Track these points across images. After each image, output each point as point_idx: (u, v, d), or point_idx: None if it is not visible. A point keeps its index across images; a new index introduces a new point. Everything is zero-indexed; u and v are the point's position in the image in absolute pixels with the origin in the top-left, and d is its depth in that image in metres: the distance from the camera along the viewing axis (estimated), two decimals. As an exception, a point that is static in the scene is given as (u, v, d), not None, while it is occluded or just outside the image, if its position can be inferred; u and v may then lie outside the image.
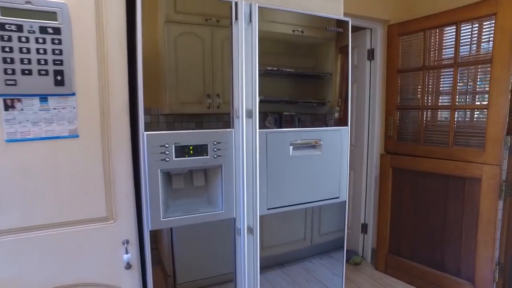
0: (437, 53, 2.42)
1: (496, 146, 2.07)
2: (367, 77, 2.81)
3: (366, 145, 2.87)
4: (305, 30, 1.54)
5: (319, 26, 1.57)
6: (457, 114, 2.29)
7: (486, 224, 2.14)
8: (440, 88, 2.41)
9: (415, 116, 2.53)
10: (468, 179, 2.21)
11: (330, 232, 1.77)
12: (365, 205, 2.94)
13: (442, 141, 2.34)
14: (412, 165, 2.50)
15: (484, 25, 2.15)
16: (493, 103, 2.07)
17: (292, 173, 1.54)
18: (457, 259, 2.32)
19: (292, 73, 1.53)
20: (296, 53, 1.55)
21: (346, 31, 1.62)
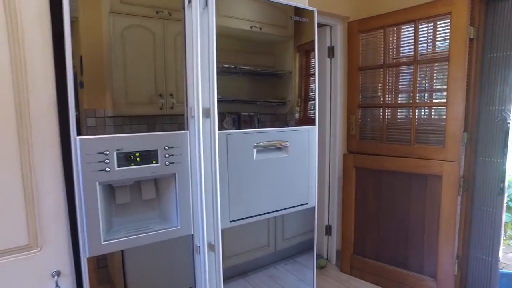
0: (395, 51, 2.41)
1: (455, 143, 2.08)
2: (328, 75, 2.75)
3: (328, 144, 2.81)
4: (263, 26, 1.43)
5: (278, 23, 1.48)
6: (418, 112, 2.28)
7: (447, 220, 2.15)
8: (401, 86, 2.40)
9: (376, 115, 2.50)
10: (430, 176, 2.21)
11: (294, 236, 1.66)
12: (328, 206, 2.88)
13: (404, 139, 2.33)
14: (375, 164, 2.46)
15: (441, 23, 2.16)
16: (451, 101, 2.08)
17: (257, 179, 1.38)
18: (420, 256, 2.32)
19: (251, 71, 1.43)
20: (255, 51, 1.45)
21: (312, 21, 1.51)
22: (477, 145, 2.18)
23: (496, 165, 2.13)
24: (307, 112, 1.62)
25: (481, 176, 2.19)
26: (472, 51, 2.08)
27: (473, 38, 2.06)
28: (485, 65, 2.13)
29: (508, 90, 2.07)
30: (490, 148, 2.15)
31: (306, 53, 1.66)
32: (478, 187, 2.20)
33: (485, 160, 2.16)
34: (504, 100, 2.09)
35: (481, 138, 2.17)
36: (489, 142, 2.15)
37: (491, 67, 2.12)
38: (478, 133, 2.18)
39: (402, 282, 2.39)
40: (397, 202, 2.40)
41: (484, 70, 2.14)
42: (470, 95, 2.10)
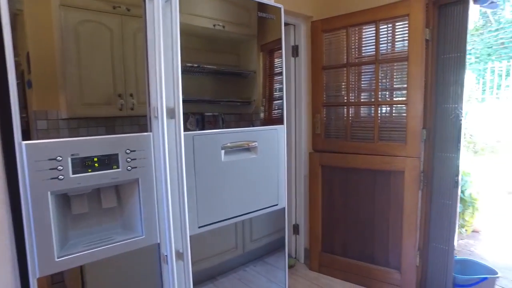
0: (358, 50, 2.46)
1: (416, 139, 2.16)
2: (292, 74, 2.75)
3: (294, 143, 2.81)
4: (227, 25, 1.39)
5: (241, 21, 1.46)
6: (380, 110, 2.35)
7: (409, 214, 2.23)
8: (364, 84, 2.46)
9: (341, 113, 2.55)
10: (393, 172, 2.28)
11: (262, 237, 1.63)
12: (295, 205, 2.89)
13: (368, 136, 2.38)
14: (341, 162, 2.50)
15: (399, 25, 2.23)
16: (411, 99, 2.16)
17: (226, 181, 1.33)
18: (385, 250, 2.39)
19: (214, 70, 1.39)
20: (218, 50, 1.41)
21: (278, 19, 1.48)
22: (435, 141, 2.29)
23: (451, 160, 2.24)
24: (272, 112, 1.60)
25: (438, 171, 2.30)
26: (428, 52, 2.17)
27: (428, 40, 2.15)
28: (440, 65, 2.24)
29: (460, 89, 2.19)
30: (446, 144, 2.26)
31: (270, 52, 1.64)
32: (436, 181, 2.31)
33: (441, 155, 2.27)
34: (457, 98, 2.21)
35: (438, 134, 2.28)
36: (445, 138, 2.25)
37: (445, 67, 2.23)
38: (435, 129, 2.28)
39: (370, 276, 2.45)
40: (363, 199, 2.45)
41: (439, 70, 2.24)
42: (428, 93, 2.20)
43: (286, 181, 1.57)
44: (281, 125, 1.53)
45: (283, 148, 1.55)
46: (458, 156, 2.24)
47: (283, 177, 1.56)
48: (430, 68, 2.20)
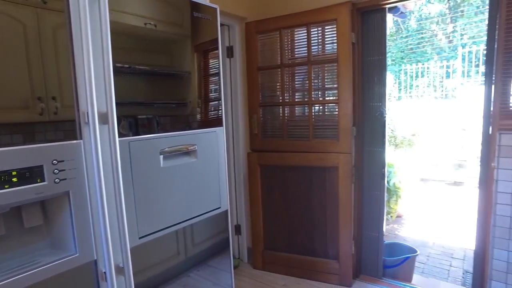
0: (291, 52, 2.55)
1: (347, 136, 2.31)
2: (228, 75, 2.75)
3: (232, 144, 2.81)
4: (158, 24, 1.34)
5: (174, 20, 1.42)
6: (314, 109, 2.46)
7: (344, 207, 2.38)
8: (297, 85, 2.55)
9: (277, 113, 2.61)
10: (328, 168, 2.41)
11: (204, 240, 1.60)
12: (236, 205, 2.89)
13: (304, 135, 2.48)
14: (279, 160, 2.57)
15: (328, 28, 2.36)
16: (341, 98, 2.30)
17: (166, 188, 1.27)
18: (324, 242, 2.52)
19: (147, 71, 1.33)
20: (150, 50, 1.35)
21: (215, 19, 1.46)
22: (364, 137, 2.47)
23: (378, 154, 2.45)
24: (209, 113, 1.58)
25: (367, 165, 2.49)
26: (355, 54, 2.33)
27: (354, 43, 2.32)
28: (365, 67, 2.43)
29: (383, 88, 2.40)
30: (373, 139, 2.46)
31: (205, 52, 1.62)
32: (366, 174, 2.50)
33: (370, 150, 2.47)
34: (380, 97, 2.42)
35: (366, 130, 2.47)
36: (372, 134, 2.45)
37: (369, 69, 2.42)
38: (363, 126, 2.47)
39: (311, 268, 2.55)
40: (301, 195, 2.55)
41: (365, 71, 2.43)
42: (356, 93, 2.37)
43: (227, 183, 1.56)
44: (220, 127, 1.52)
45: (223, 150, 1.53)
46: (383, 150, 2.45)
47: (225, 179, 1.54)
48: (357, 69, 2.38)
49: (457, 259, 3.34)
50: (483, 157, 2.01)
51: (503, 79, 1.87)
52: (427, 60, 8.84)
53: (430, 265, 3.20)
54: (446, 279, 2.94)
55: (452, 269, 3.13)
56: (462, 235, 3.79)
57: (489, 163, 1.96)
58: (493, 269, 1.97)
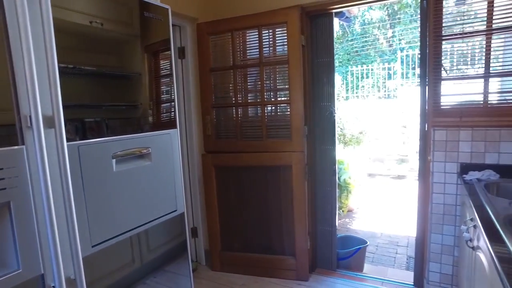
0: (243, 53, 2.58)
1: (299, 135, 2.39)
2: (180, 76, 2.71)
3: (186, 146, 2.78)
4: (105, 22, 1.29)
5: (122, 19, 1.37)
6: (267, 109, 2.51)
7: (299, 204, 2.46)
8: (250, 86, 2.59)
9: (230, 114, 2.63)
10: (282, 167, 2.47)
11: (160, 245, 1.57)
12: (192, 208, 2.86)
13: (257, 135, 2.52)
14: (234, 161, 2.59)
15: (279, 31, 2.43)
16: (293, 99, 2.38)
17: (120, 193, 1.23)
18: (281, 240, 2.58)
19: (94, 72, 1.27)
20: (98, 50, 1.30)
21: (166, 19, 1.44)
22: (315, 136, 2.58)
23: (329, 152, 2.57)
24: (161, 115, 1.55)
25: (319, 162, 2.60)
26: (305, 56, 2.43)
27: (304, 45, 2.41)
28: (315, 68, 2.54)
29: (331, 89, 2.53)
30: (324, 138, 2.57)
31: (156, 53, 1.59)
32: (318, 171, 2.61)
33: (321, 148, 2.58)
34: (330, 97, 2.55)
35: (318, 129, 2.58)
36: (323, 132, 2.57)
37: (319, 70, 2.54)
38: (314, 125, 2.57)
39: (269, 266, 2.60)
40: (257, 194, 2.59)
41: (314, 72, 2.54)
42: (307, 93, 2.46)
43: (183, 185, 1.54)
44: (174, 128, 1.49)
45: (178, 152, 1.51)
46: (334, 148, 2.58)
47: (180, 182, 1.52)
48: (307, 71, 2.47)
49: (402, 246, 3.61)
50: (421, 152, 2.21)
51: (434, 80, 2.07)
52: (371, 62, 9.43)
53: (379, 254, 3.42)
54: (393, 265, 3.16)
55: (398, 256, 3.38)
56: (406, 224, 4.10)
57: (426, 156, 2.15)
58: (431, 251, 2.16)
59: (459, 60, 2.13)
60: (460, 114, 2.01)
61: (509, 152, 1.90)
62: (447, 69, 2.08)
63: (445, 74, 2.08)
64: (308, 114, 2.48)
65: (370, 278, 2.58)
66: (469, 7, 2.03)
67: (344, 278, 2.57)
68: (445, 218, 2.08)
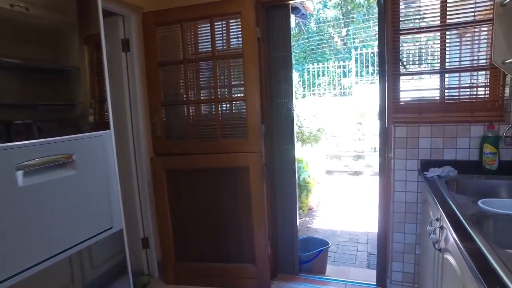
0: (194, 46, 2.37)
1: (256, 134, 2.23)
2: (124, 71, 2.43)
3: (133, 149, 2.50)
4: (31, 7, 1.05)
5: (52, 4, 1.15)
6: (221, 107, 2.32)
7: (257, 208, 2.30)
8: (203, 82, 2.38)
9: (181, 112, 2.40)
10: (239, 169, 2.29)
11: (105, 261, 1.34)
12: (141, 216, 2.59)
13: (212, 135, 2.32)
14: (186, 164, 2.36)
15: (233, 22, 2.25)
16: (249, 95, 2.21)
17: (30, 214, 0.97)
18: (240, 247, 2.40)
19: (20, 65, 1.04)
20: (24, 39, 1.08)
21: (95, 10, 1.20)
22: (273, 134, 2.43)
23: (288, 151, 2.43)
24: (104, 115, 1.31)
25: (278, 162, 2.46)
26: (261, 50, 2.26)
27: (260, 38, 2.25)
28: (272, 63, 2.39)
29: (289, 85, 2.40)
30: (282, 137, 2.43)
31: (97, 45, 1.35)
32: (277, 172, 2.47)
33: (280, 147, 2.44)
34: (287, 94, 2.41)
35: (276, 128, 2.43)
36: (281, 131, 2.43)
37: (276, 65, 2.39)
38: (272, 124, 2.42)
39: (228, 276, 2.42)
40: (213, 199, 2.39)
41: (271, 68, 2.39)
42: (263, 89, 2.30)
43: (120, 197, 1.31)
44: (107, 130, 1.26)
45: (112, 158, 1.27)
46: (293, 147, 2.45)
47: (116, 193, 1.29)
48: (264, 66, 2.31)
49: (362, 243, 3.61)
50: (381, 149, 2.14)
51: (393, 76, 2.01)
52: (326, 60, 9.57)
53: (340, 253, 3.38)
54: (354, 264, 3.13)
55: (359, 253, 3.37)
56: (364, 221, 4.13)
57: (387, 154, 2.09)
58: (394, 251, 2.11)
59: (417, 55, 2.09)
60: (419, 110, 1.96)
61: (464, 148, 1.88)
62: (405, 64, 2.03)
63: (403, 69, 2.02)
64: (265, 112, 2.33)
65: (333, 280, 2.49)
66: (425, 2, 1.99)
67: (307, 282, 2.46)
68: (407, 216, 2.03)
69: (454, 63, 1.93)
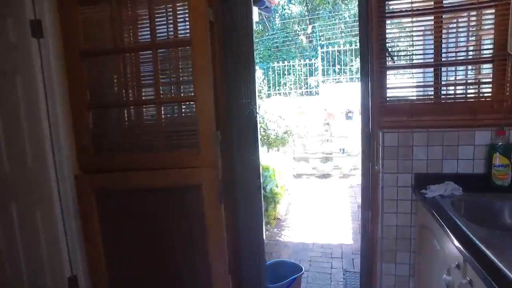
0: (133, 32, 1.85)
1: (210, 144, 1.75)
2: (37, 62, 1.84)
3: (53, 164, 1.92)
4: None
5: None
6: (165, 110, 1.82)
7: (214, 234, 1.83)
8: (144, 78, 1.87)
9: (117, 117, 1.87)
10: (190, 187, 1.80)
11: None
12: (68, 250, 2.01)
13: (154, 145, 1.81)
14: (123, 183, 1.84)
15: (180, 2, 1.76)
16: (200, 94, 1.72)
17: None
18: (195, 283, 1.92)
19: None
20: None
21: None
22: (233, 143, 1.96)
23: (251, 162, 1.98)
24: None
25: (240, 177, 1.99)
26: (214, 38, 1.80)
27: (213, 22, 1.77)
28: (230, 56, 1.91)
29: (252, 82, 1.95)
30: (244, 145, 1.98)
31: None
32: (239, 189, 2.00)
33: (241, 158, 1.97)
34: (250, 92, 1.96)
35: (235, 134, 1.96)
36: (242, 138, 1.97)
37: (235, 58, 1.93)
38: (231, 129, 1.95)
39: (177, 323, 1.92)
40: (159, 226, 1.88)
41: (229, 61, 1.92)
42: (219, 87, 1.83)
43: None
44: None
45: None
46: (257, 157, 2.00)
47: None
48: (220, 57, 1.84)
49: (336, 258, 3.29)
50: (364, 159, 1.75)
51: (380, 70, 1.62)
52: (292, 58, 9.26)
53: (313, 271, 3.03)
54: (329, 284, 2.78)
55: (334, 271, 3.05)
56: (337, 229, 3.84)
57: (372, 166, 1.70)
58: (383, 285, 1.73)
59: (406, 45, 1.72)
60: (411, 112, 1.59)
61: (468, 158, 1.53)
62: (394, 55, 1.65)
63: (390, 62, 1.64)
64: (221, 115, 1.85)
65: (308, 316, 2.08)
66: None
67: (276, 321, 2.03)
68: (398, 243, 1.65)
69: (452, 54, 1.57)
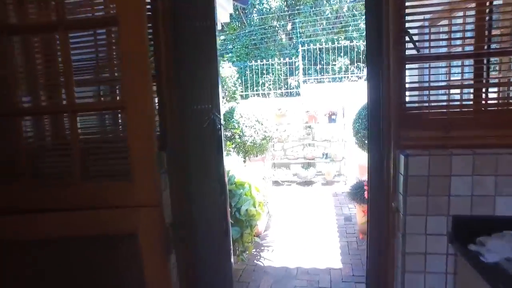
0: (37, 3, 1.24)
1: (148, 172, 1.16)
2: None
3: None
4: None
5: None
6: (83, 121, 1.22)
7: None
8: (50, 72, 1.26)
9: (9, 131, 1.25)
10: (119, 237, 1.21)
11: None
12: None
13: (66, 173, 1.21)
14: (20, 231, 1.22)
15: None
16: (132, 98, 1.14)
17: None
18: None
19: None
20: None
21: None
22: (187, 166, 1.38)
23: (213, 194, 1.41)
24: None
25: (200, 215, 1.42)
26: (157, 14, 1.22)
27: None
28: (181, 40, 1.34)
29: (214, 79, 1.39)
30: (204, 168, 1.40)
31: None
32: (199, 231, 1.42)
33: (199, 189, 1.39)
34: (212, 94, 1.40)
35: (191, 154, 1.38)
36: (201, 158, 1.39)
37: (189, 44, 1.36)
38: (184, 147, 1.37)
39: None
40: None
41: (181, 48, 1.34)
42: (164, 87, 1.25)
43: None
44: None
45: None
46: (222, 184, 1.43)
47: None
48: (165, 43, 1.26)
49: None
50: (374, 193, 1.21)
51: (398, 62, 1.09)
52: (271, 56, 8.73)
53: (299, 306, 2.50)
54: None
55: (323, 306, 2.52)
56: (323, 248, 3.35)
57: (388, 203, 1.16)
58: None
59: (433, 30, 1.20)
60: (446, 125, 1.06)
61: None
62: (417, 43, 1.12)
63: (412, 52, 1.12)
64: (168, 128, 1.27)
65: None
66: None
67: None
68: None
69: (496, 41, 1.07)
